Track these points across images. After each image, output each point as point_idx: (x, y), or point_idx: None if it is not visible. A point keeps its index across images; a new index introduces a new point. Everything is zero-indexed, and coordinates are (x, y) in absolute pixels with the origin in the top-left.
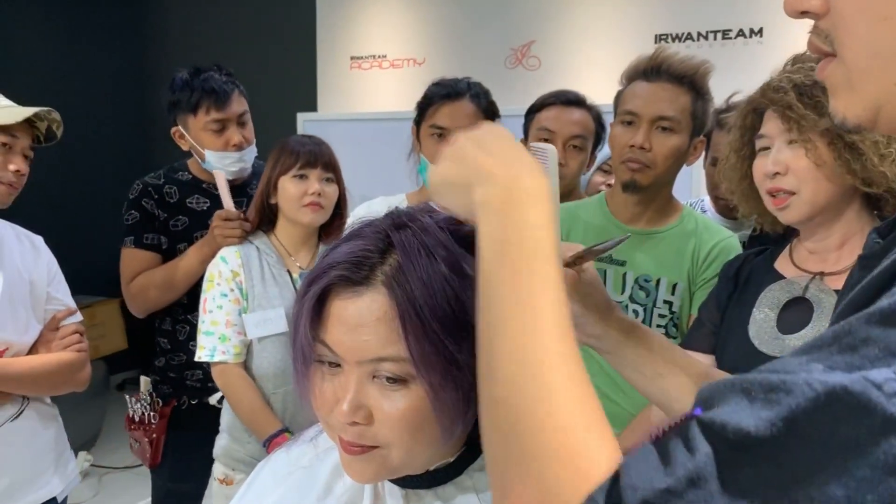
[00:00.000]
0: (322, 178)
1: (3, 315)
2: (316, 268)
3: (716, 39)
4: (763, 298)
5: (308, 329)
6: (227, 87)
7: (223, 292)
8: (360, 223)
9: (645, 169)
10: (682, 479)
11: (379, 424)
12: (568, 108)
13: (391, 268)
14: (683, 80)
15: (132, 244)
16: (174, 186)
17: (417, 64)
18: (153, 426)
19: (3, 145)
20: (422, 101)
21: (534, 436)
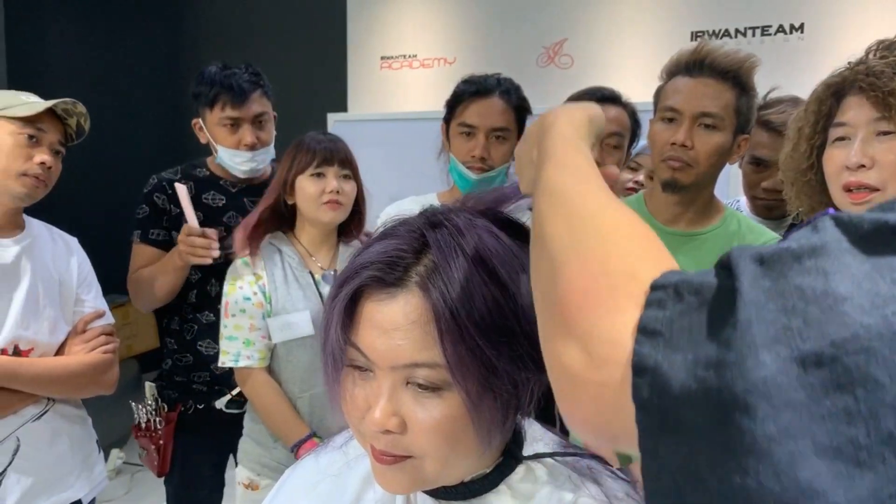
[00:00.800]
0: (339, 175)
1: (30, 315)
2: (347, 268)
3: (754, 36)
4: None
5: (339, 332)
6: (247, 85)
7: (246, 296)
8: (393, 222)
9: (686, 168)
10: (805, 246)
11: (413, 433)
12: (603, 105)
13: (426, 268)
14: (728, 76)
15: (139, 238)
16: (190, 182)
17: (448, 63)
18: (159, 433)
19: (29, 137)
20: (451, 99)
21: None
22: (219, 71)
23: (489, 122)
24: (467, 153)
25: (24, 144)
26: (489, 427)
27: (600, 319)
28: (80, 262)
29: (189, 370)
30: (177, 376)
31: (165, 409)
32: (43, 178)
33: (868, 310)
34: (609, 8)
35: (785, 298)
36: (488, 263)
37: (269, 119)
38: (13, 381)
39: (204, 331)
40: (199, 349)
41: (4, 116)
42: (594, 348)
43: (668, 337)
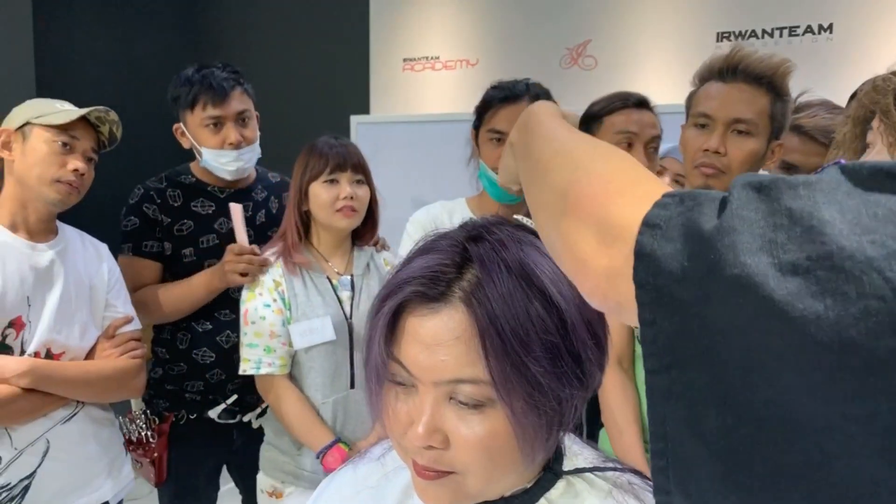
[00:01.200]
0: (353, 180)
1: (61, 320)
2: (389, 283)
3: (782, 37)
4: None
5: (382, 347)
6: (226, 83)
7: (266, 303)
8: (433, 235)
9: (719, 174)
10: (803, 179)
11: (456, 449)
12: (641, 110)
13: (469, 283)
14: (762, 81)
15: (130, 252)
16: (177, 190)
17: (471, 65)
18: (153, 446)
19: (63, 145)
20: (480, 105)
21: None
22: (195, 71)
23: None
24: (497, 159)
25: (58, 152)
26: (532, 443)
27: (614, 207)
28: (109, 268)
29: (182, 379)
30: (167, 385)
31: (157, 421)
32: (76, 185)
33: (846, 235)
34: (633, 9)
35: (774, 217)
36: (532, 278)
37: (251, 117)
38: (46, 384)
39: (199, 339)
40: (195, 358)
41: (40, 124)
42: (607, 231)
43: (665, 230)
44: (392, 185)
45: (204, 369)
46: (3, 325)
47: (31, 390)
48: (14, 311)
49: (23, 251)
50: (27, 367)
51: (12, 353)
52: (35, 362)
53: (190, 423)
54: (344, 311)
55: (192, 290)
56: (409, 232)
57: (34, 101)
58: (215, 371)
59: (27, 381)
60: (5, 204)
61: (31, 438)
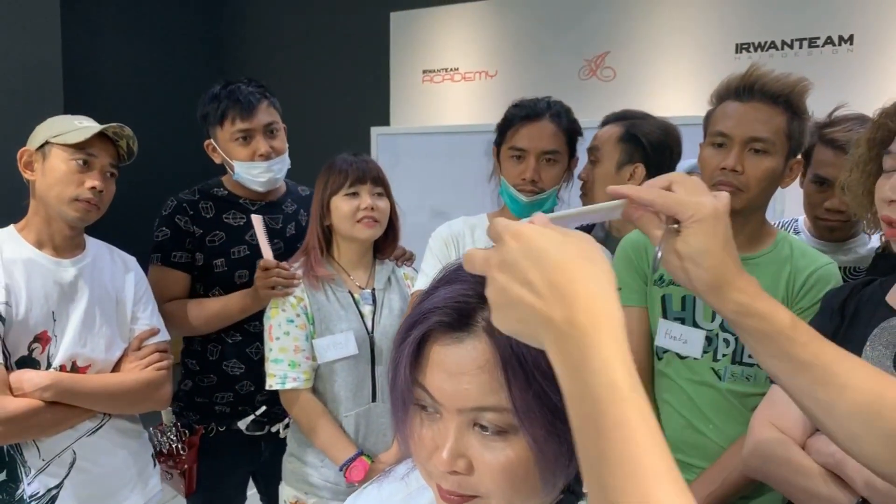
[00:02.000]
0: (373, 192)
1: (86, 333)
2: (415, 311)
3: (801, 48)
4: (876, 336)
5: (408, 374)
6: (252, 97)
7: (289, 318)
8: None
9: (737, 192)
10: None
11: (479, 475)
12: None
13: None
14: (779, 100)
15: (159, 262)
16: (209, 202)
17: (489, 77)
18: (183, 458)
19: (81, 163)
20: (501, 123)
21: None
22: (222, 88)
23: (539, 145)
24: (518, 176)
25: (76, 170)
26: (554, 469)
27: None
28: (136, 281)
29: (212, 391)
30: (197, 397)
31: (187, 434)
32: (95, 202)
33: None
34: (652, 20)
35: None
36: None
37: (279, 128)
38: (70, 397)
39: (230, 351)
40: (225, 369)
41: (58, 143)
42: None
43: None
44: (411, 196)
45: (233, 381)
46: (29, 340)
47: (55, 403)
48: (40, 325)
49: (48, 267)
50: (50, 381)
51: (39, 367)
52: (57, 376)
53: (219, 435)
54: (366, 326)
55: (228, 308)
56: (430, 247)
57: (54, 120)
58: (244, 382)
59: (50, 395)
60: (31, 221)
61: (57, 449)
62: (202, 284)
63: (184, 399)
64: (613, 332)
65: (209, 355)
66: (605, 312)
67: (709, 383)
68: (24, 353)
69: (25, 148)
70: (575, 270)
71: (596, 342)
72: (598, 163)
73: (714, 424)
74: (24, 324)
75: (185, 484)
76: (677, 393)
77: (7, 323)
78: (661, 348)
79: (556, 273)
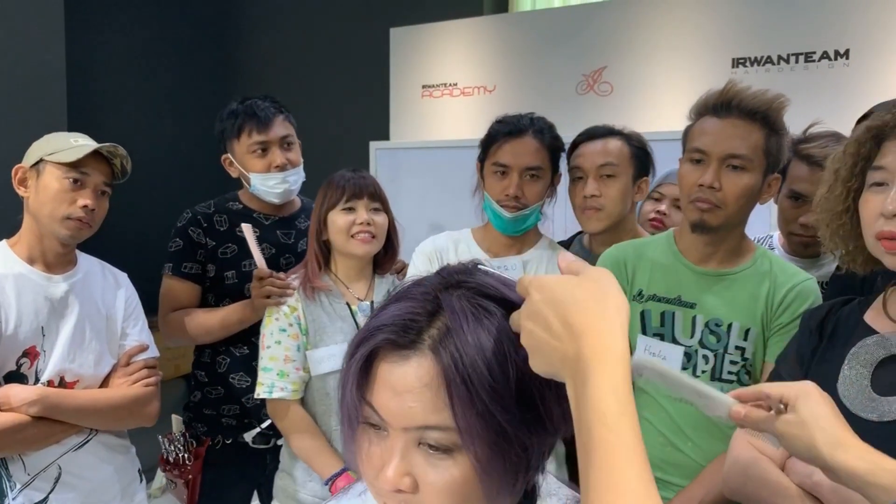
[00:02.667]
0: (369, 207)
1: (75, 349)
2: (364, 328)
3: (797, 63)
4: (854, 355)
5: (354, 391)
6: (269, 111)
7: (282, 327)
8: (410, 282)
9: (714, 209)
10: None
11: (424, 493)
12: (605, 138)
13: (439, 332)
14: (756, 116)
15: (171, 272)
16: (224, 215)
17: (488, 92)
18: (188, 467)
19: (74, 181)
20: (485, 139)
21: None
22: (239, 104)
23: (522, 161)
24: (501, 192)
25: (69, 189)
26: (498, 489)
27: None
28: (127, 297)
29: (219, 402)
30: (206, 409)
31: (194, 444)
32: (86, 220)
33: None
34: (649, 35)
35: None
36: (501, 327)
37: (294, 142)
38: (56, 412)
39: (237, 364)
40: (231, 382)
41: (52, 161)
42: None
43: None
44: (410, 210)
45: (240, 393)
46: (17, 355)
47: (42, 418)
48: (28, 340)
49: (38, 283)
50: (36, 396)
51: (27, 382)
52: (44, 391)
53: (225, 448)
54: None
55: (227, 319)
56: (414, 262)
57: (49, 137)
58: (251, 395)
59: (36, 410)
60: (24, 237)
61: (43, 464)
62: (213, 295)
63: (193, 410)
64: (612, 364)
65: (217, 367)
66: (607, 346)
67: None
68: (12, 367)
69: (20, 165)
70: (586, 311)
71: (593, 373)
72: (614, 178)
73: (693, 442)
74: (12, 339)
75: (188, 494)
76: (656, 410)
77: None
78: None
79: (570, 315)
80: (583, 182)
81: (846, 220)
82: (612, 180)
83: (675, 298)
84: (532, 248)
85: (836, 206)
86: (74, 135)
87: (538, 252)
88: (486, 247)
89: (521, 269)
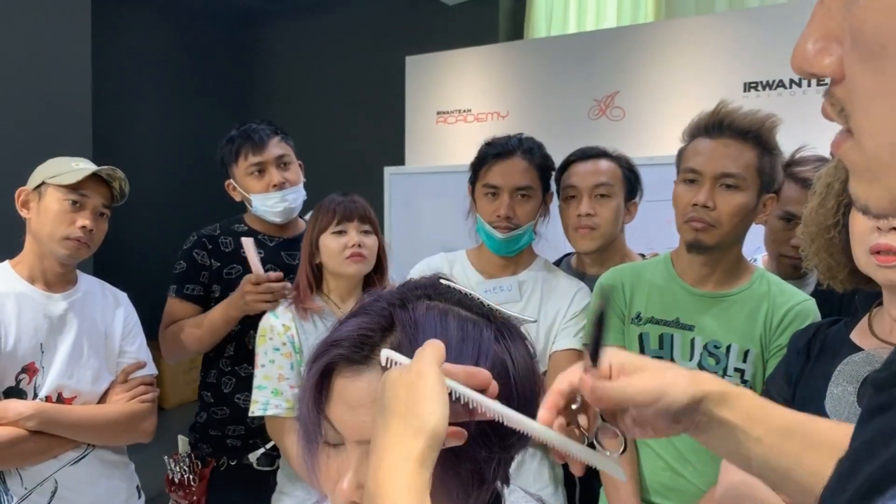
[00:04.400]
0: (360, 230)
1: (74, 365)
2: (321, 343)
3: (810, 86)
4: (840, 372)
5: (311, 406)
6: (263, 132)
7: (275, 346)
8: (373, 296)
9: (709, 228)
10: None
11: None
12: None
13: (391, 347)
14: (748, 136)
15: (174, 293)
16: (229, 237)
17: (501, 117)
18: (193, 488)
19: (73, 203)
20: (475, 162)
21: None
22: (236, 129)
23: (512, 181)
24: (493, 213)
25: (68, 210)
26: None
27: None
28: (126, 315)
29: (224, 423)
30: (211, 429)
31: (199, 465)
32: (85, 241)
33: None
34: (661, 60)
35: None
36: (452, 344)
37: (292, 161)
38: (53, 427)
39: (242, 384)
40: (237, 402)
41: (53, 184)
42: None
43: None
44: (424, 233)
45: (245, 414)
46: (17, 371)
47: (39, 432)
48: (27, 357)
49: (38, 301)
50: (33, 411)
51: (26, 397)
52: (41, 406)
53: (230, 470)
54: None
55: (212, 322)
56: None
57: (52, 161)
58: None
59: (33, 424)
60: (25, 257)
61: (39, 478)
62: None
63: (199, 431)
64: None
65: (223, 387)
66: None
67: None
68: (11, 383)
69: (23, 188)
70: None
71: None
72: (609, 198)
73: (693, 466)
74: (12, 355)
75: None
76: None
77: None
78: None
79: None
80: (576, 201)
81: (835, 235)
82: (606, 200)
83: (674, 321)
84: (527, 269)
85: (827, 220)
86: (76, 159)
87: (533, 273)
88: (480, 268)
89: (518, 289)
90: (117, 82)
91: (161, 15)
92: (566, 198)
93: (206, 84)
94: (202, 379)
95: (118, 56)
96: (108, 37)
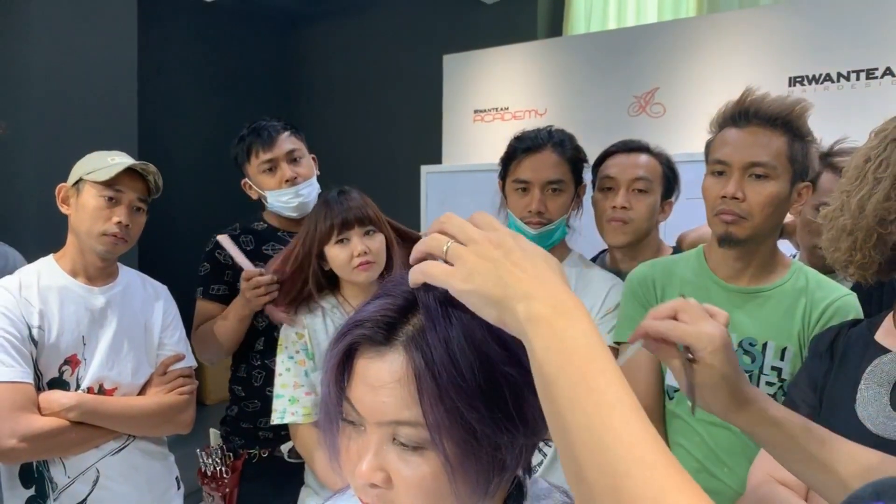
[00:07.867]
0: (362, 234)
1: (114, 358)
2: (344, 325)
3: (858, 80)
4: (870, 374)
5: (334, 387)
6: (273, 129)
7: (290, 355)
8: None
9: (740, 220)
10: None
11: (397, 489)
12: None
13: (413, 329)
14: (777, 122)
15: (201, 295)
16: (250, 235)
17: (539, 115)
18: (225, 481)
19: (109, 199)
20: (504, 157)
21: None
22: (247, 128)
23: (543, 176)
24: (524, 208)
25: (104, 206)
26: (472, 488)
27: None
28: (165, 309)
29: (256, 416)
30: (243, 423)
31: (231, 457)
32: (121, 236)
33: None
34: (701, 55)
35: None
36: (476, 327)
37: (303, 155)
38: (94, 418)
39: (272, 377)
40: (268, 395)
41: (89, 180)
42: None
43: None
44: None
45: None
46: (60, 363)
47: (80, 423)
48: (70, 349)
49: (80, 294)
50: (75, 402)
51: (69, 388)
52: (83, 397)
53: (262, 462)
54: None
55: (227, 320)
56: None
57: (89, 157)
58: None
59: (75, 415)
60: (68, 251)
61: (82, 467)
62: None
63: (230, 424)
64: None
65: (254, 381)
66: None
67: (723, 424)
68: (55, 374)
69: (63, 184)
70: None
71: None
72: (646, 193)
73: (728, 468)
74: (55, 347)
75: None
76: (690, 435)
77: (40, 346)
78: (672, 387)
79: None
80: (612, 193)
81: (893, 231)
82: (643, 195)
83: None
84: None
85: (888, 215)
86: (112, 153)
87: (567, 267)
88: None
89: None
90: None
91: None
92: (602, 188)
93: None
94: (232, 373)
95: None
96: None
